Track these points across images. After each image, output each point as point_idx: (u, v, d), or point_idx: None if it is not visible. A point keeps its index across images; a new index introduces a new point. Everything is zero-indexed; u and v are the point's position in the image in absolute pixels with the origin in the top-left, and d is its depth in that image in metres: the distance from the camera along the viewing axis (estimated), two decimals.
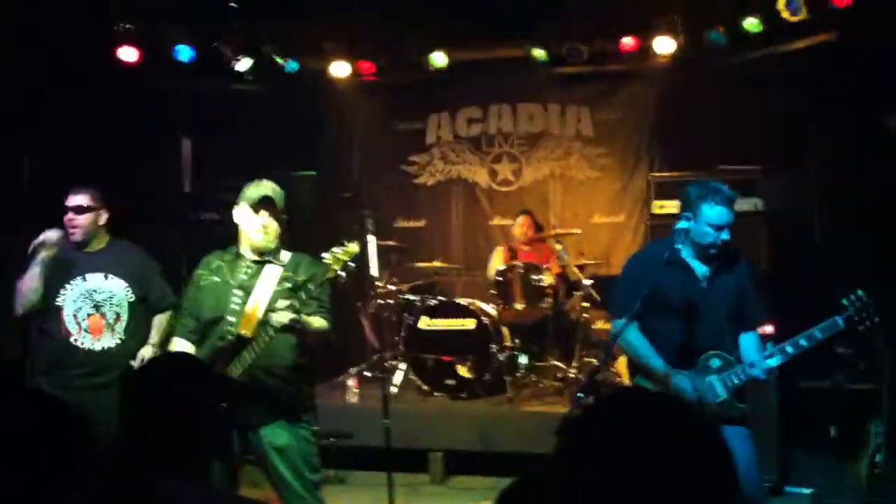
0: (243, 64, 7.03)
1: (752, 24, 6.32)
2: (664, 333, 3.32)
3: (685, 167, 6.37)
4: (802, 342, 3.18)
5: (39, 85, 6.22)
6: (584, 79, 7.52)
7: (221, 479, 3.36)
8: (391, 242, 6.60)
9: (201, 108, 7.29)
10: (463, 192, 7.79)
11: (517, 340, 6.25)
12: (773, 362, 3.21)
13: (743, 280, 3.40)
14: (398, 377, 6.28)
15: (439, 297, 6.44)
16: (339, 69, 7.33)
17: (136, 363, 4.19)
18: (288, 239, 3.63)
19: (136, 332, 4.30)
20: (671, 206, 6.24)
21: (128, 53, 6.77)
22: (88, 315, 4.18)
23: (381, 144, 7.86)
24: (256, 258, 3.52)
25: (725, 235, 3.29)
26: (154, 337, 4.33)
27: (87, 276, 4.21)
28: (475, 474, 5.61)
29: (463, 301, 6.29)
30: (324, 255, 3.34)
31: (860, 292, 3.21)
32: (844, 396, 5.38)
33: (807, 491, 5.11)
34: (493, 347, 5.97)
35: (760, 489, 3.36)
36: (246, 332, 3.37)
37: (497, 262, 6.78)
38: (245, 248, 3.53)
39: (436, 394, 6.05)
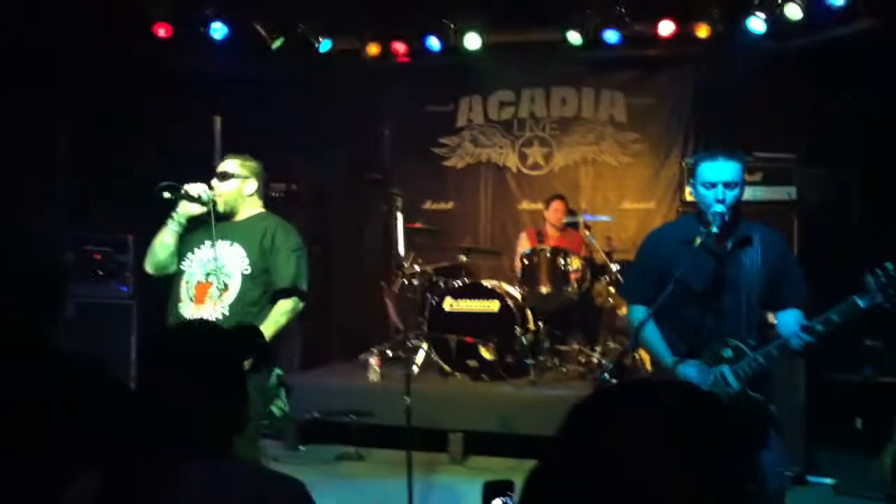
0: (276, 43, 7.05)
1: (793, 10, 6.17)
2: (681, 318, 3.01)
3: None
4: (818, 327, 2.78)
5: (76, 61, 6.32)
6: (620, 63, 7.43)
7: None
8: (418, 224, 6.60)
9: (234, 87, 7.33)
10: (492, 175, 7.74)
11: (541, 324, 6.21)
12: (795, 341, 2.82)
13: (776, 254, 2.97)
14: (420, 357, 6.30)
15: (464, 279, 6.44)
16: (373, 50, 7.34)
17: None
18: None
19: None
20: None
21: (161, 30, 6.84)
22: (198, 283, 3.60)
23: (412, 126, 7.83)
24: None
25: (721, 194, 2.89)
26: None
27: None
28: (494, 455, 5.61)
29: (488, 283, 6.27)
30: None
31: (889, 265, 2.70)
32: (872, 389, 5.28)
33: (830, 482, 5.02)
34: (517, 330, 5.95)
35: (781, 480, 3.17)
36: None
37: (524, 245, 6.75)
38: None
39: (457, 374, 6.05)
